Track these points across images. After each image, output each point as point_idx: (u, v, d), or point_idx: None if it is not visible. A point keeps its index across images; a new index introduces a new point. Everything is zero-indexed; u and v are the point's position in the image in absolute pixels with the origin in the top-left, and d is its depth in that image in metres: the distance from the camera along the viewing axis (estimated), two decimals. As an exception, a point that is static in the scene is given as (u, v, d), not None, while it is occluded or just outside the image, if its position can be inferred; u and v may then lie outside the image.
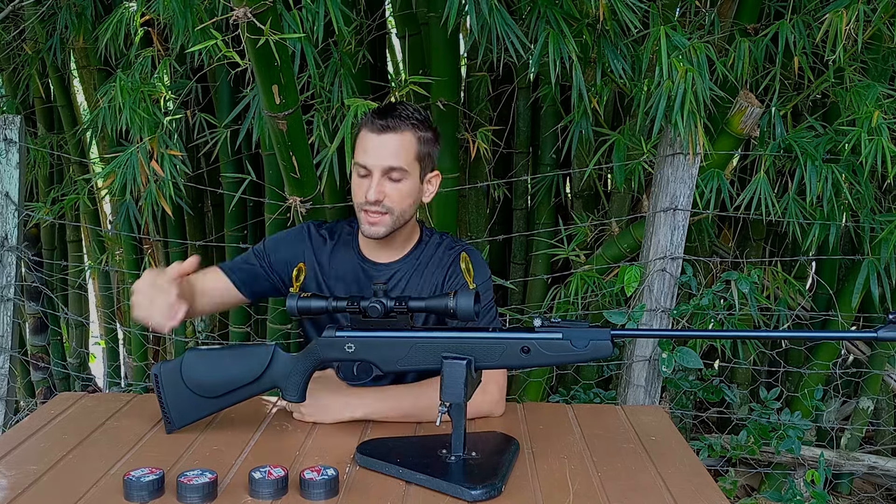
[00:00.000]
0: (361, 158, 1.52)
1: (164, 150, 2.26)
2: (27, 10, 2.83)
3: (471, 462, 1.24)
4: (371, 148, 1.51)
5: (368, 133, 1.51)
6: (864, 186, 2.27)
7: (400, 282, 1.60)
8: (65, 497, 1.14)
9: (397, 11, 2.45)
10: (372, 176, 1.50)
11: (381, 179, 1.50)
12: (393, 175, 1.51)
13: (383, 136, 1.50)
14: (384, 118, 1.51)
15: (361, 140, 1.53)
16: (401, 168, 1.51)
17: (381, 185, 1.50)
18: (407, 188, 1.52)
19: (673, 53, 2.04)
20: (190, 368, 1.36)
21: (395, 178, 1.51)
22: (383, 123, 1.50)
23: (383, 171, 1.50)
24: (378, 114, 1.53)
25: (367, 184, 1.51)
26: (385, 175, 1.50)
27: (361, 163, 1.52)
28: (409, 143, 1.51)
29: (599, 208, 2.68)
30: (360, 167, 1.52)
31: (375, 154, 1.50)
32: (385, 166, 1.50)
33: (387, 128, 1.50)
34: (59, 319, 3.44)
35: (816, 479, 2.25)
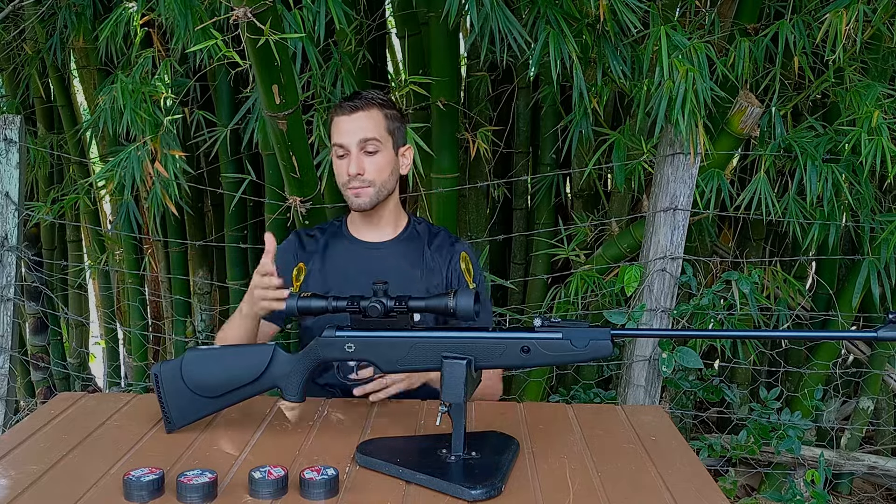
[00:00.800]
0: (338, 139, 1.65)
1: (167, 151, 2.26)
2: (27, 10, 2.83)
3: (471, 462, 1.23)
4: (344, 128, 1.64)
5: (340, 117, 1.66)
6: (864, 186, 2.27)
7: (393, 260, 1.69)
8: (65, 497, 1.14)
9: (397, 11, 2.45)
10: (350, 153, 1.64)
11: (358, 154, 1.64)
12: (368, 147, 1.64)
13: (354, 115, 1.64)
14: (352, 101, 1.66)
15: (335, 125, 1.67)
16: (374, 139, 1.64)
17: (360, 159, 1.64)
18: (383, 160, 1.66)
19: (673, 53, 2.04)
20: (190, 368, 1.36)
21: (371, 150, 1.64)
22: (352, 104, 1.65)
23: (359, 145, 1.64)
24: (346, 99, 1.68)
25: (346, 162, 1.65)
26: (361, 149, 1.64)
27: (339, 143, 1.65)
28: (377, 118, 1.66)
29: (599, 208, 2.68)
30: (338, 147, 1.66)
31: (349, 131, 1.64)
32: (360, 139, 1.64)
33: (356, 108, 1.64)
34: (59, 319, 3.44)
35: (816, 479, 2.25)
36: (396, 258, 1.71)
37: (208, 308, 3.06)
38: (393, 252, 1.72)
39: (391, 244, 1.73)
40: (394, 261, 1.70)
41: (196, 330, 3.06)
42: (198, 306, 3.06)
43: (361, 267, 1.69)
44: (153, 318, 3.21)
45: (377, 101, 1.66)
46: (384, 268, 1.67)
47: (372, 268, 1.67)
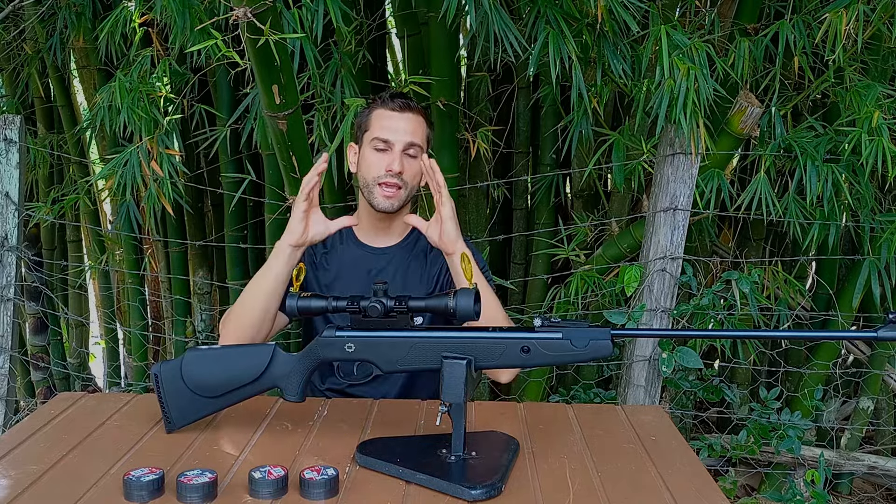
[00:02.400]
0: (382, 133, 1.61)
1: (163, 150, 2.26)
2: (27, 10, 2.83)
3: (471, 462, 1.23)
4: (393, 124, 1.62)
5: (388, 111, 1.63)
6: (864, 186, 2.27)
7: (400, 264, 1.67)
8: (65, 497, 1.14)
9: (397, 11, 2.45)
10: (393, 149, 1.61)
11: (401, 154, 1.61)
12: (410, 151, 1.62)
13: (405, 113, 1.62)
14: (402, 99, 1.63)
15: (379, 118, 1.63)
16: (418, 145, 1.63)
17: (402, 159, 1.61)
18: (418, 166, 1.64)
19: (674, 53, 2.04)
20: (190, 368, 1.36)
21: (412, 154, 1.63)
22: (403, 102, 1.63)
23: (405, 146, 1.62)
24: (394, 96, 1.64)
25: (388, 157, 1.61)
26: (404, 150, 1.61)
27: (383, 137, 1.61)
28: (421, 125, 1.65)
29: (599, 208, 2.68)
30: (380, 141, 1.61)
31: (398, 129, 1.61)
32: (407, 141, 1.62)
33: (407, 107, 1.63)
34: (59, 319, 3.44)
35: (816, 479, 2.25)
36: (400, 263, 1.70)
37: (208, 308, 3.06)
38: (397, 257, 1.70)
39: (395, 249, 1.71)
40: (397, 266, 1.69)
41: (196, 330, 3.06)
42: (198, 306, 3.06)
43: (365, 271, 1.68)
44: (153, 318, 3.21)
45: (420, 108, 1.67)
46: (388, 273, 1.67)
47: (376, 272, 1.67)
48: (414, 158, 1.63)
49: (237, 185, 2.51)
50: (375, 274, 1.67)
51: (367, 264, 1.69)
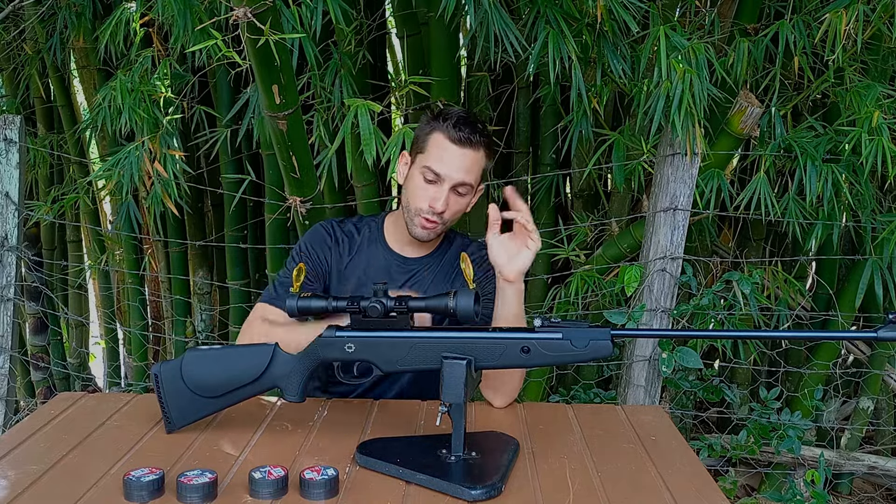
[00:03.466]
0: (435, 165, 1.52)
1: (166, 151, 2.26)
2: (27, 10, 2.83)
3: (471, 462, 1.24)
4: (448, 158, 1.51)
5: (447, 141, 1.51)
6: (864, 186, 2.27)
7: (426, 276, 1.63)
8: (65, 497, 1.14)
9: (397, 11, 2.45)
10: (442, 185, 1.53)
11: (449, 192, 1.53)
12: (461, 189, 1.54)
13: (464, 149, 1.51)
14: (465, 130, 1.51)
15: (437, 145, 1.52)
16: (470, 184, 1.54)
17: (448, 198, 1.53)
18: (465, 202, 1.57)
19: (672, 54, 2.04)
20: (190, 368, 1.36)
21: (462, 192, 1.54)
22: (465, 136, 1.51)
23: (455, 183, 1.53)
24: (459, 124, 1.52)
25: (434, 191, 1.53)
26: (453, 188, 1.53)
27: (435, 169, 1.52)
28: (480, 161, 1.54)
29: (599, 208, 2.68)
30: (431, 172, 1.52)
31: (452, 165, 1.51)
32: (459, 180, 1.52)
33: (468, 142, 1.51)
34: (59, 319, 3.44)
35: (816, 479, 2.25)
36: (427, 275, 1.64)
37: (208, 308, 3.07)
38: (426, 269, 1.64)
39: (425, 260, 1.64)
40: (423, 277, 1.63)
41: (196, 330, 3.06)
42: (198, 306, 3.06)
43: (393, 281, 1.61)
44: (153, 318, 3.21)
45: (485, 138, 1.54)
46: (415, 284, 1.62)
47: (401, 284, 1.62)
48: (462, 196, 1.55)
49: (237, 186, 2.51)
50: (400, 285, 1.61)
51: (394, 273, 1.62)
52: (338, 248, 1.64)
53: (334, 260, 1.63)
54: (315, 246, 1.63)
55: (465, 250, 1.61)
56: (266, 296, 1.62)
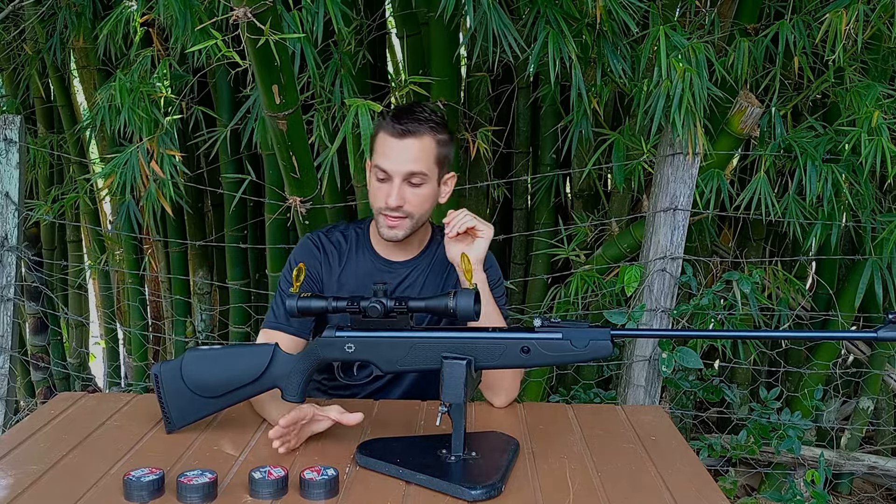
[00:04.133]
0: (381, 162, 1.51)
1: (164, 151, 2.26)
2: (27, 10, 2.83)
3: (471, 462, 1.24)
4: (391, 153, 1.50)
5: (388, 137, 1.50)
6: (864, 186, 2.27)
7: (418, 279, 1.61)
8: (65, 497, 1.14)
9: (397, 11, 2.45)
10: (392, 181, 1.51)
11: (401, 185, 1.50)
12: (413, 180, 1.51)
13: (404, 140, 1.49)
14: (403, 122, 1.49)
15: (381, 143, 1.52)
16: (421, 173, 1.51)
17: (402, 191, 1.51)
18: (426, 192, 1.53)
19: (672, 53, 2.04)
20: (190, 368, 1.36)
21: (416, 182, 1.51)
22: (403, 128, 1.49)
23: (404, 176, 1.50)
24: (397, 117, 1.51)
25: (387, 188, 1.51)
26: (405, 180, 1.51)
27: (382, 167, 1.51)
28: (428, 148, 1.51)
29: (599, 208, 2.68)
30: (380, 171, 1.51)
31: (396, 159, 1.50)
32: (406, 171, 1.50)
33: (407, 132, 1.49)
34: (59, 319, 3.44)
35: (816, 479, 2.25)
36: (418, 277, 1.62)
37: (208, 308, 3.07)
38: (414, 271, 1.63)
39: (414, 262, 1.63)
40: (414, 280, 1.62)
41: (196, 330, 3.06)
42: (198, 306, 3.06)
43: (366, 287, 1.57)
44: (153, 318, 3.21)
45: (430, 125, 1.51)
46: (407, 288, 1.61)
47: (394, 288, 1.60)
48: (419, 186, 1.51)
49: (237, 186, 2.51)
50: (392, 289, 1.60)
51: (384, 278, 1.60)
52: (328, 260, 1.63)
53: (325, 272, 1.62)
54: (307, 261, 1.62)
55: None
56: (269, 320, 1.60)
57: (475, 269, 1.45)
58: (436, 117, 1.53)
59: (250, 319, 2.84)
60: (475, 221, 1.46)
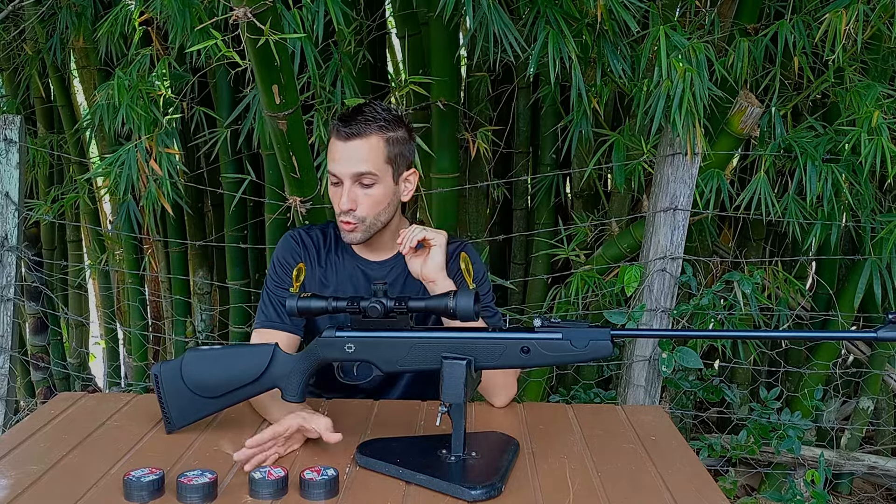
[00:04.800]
0: (331, 167, 1.52)
1: (162, 150, 2.26)
2: (27, 10, 2.83)
3: (471, 462, 1.24)
4: (339, 156, 1.50)
5: (335, 141, 1.51)
6: (863, 186, 2.27)
7: (398, 278, 1.61)
8: (65, 497, 1.14)
9: (397, 11, 2.45)
10: (342, 184, 1.51)
11: (352, 187, 1.50)
12: (364, 180, 1.50)
13: (350, 142, 1.49)
14: (349, 124, 1.49)
15: (330, 149, 1.53)
16: (370, 173, 1.50)
17: (353, 193, 1.50)
18: (379, 193, 1.52)
19: (672, 53, 2.04)
20: (190, 368, 1.36)
21: (366, 183, 1.50)
22: (348, 130, 1.49)
23: (353, 178, 1.50)
24: (343, 120, 1.51)
25: (339, 191, 1.51)
26: (355, 182, 1.50)
27: (331, 171, 1.52)
28: (377, 146, 1.50)
29: (599, 208, 2.68)
30: (332, 175, 1.52)
31: (343, 162, 1.50)
32: (353, 173, 1.50)
33: (352, 134, 1.49)
34: (59, 319, 3.44)
35: (816, 479, 2.25)
36: (399, 275, 1.61)
37: (208, 308, 3.07)
38: (394, 269, 1.62)
39: (392, 261, 1.62)
40: (395, 278, 1.61)
41: (196, 330, 3.06)
42: (198, 306, 3.06)
43: (361, 283, 1.61)
44: (153, 318, 3.21)
45: (378, 124, 1.50)
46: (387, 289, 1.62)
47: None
48: (370, 187, 1.50)
49: (237, 186, 2.51)
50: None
51: (363, 276, 1.61)
52: (309, 255, 1.63)
53: (307, 267, 1.63)
54: (289, 257, 1.63)
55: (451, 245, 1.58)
56: (260, 320, 1.60)
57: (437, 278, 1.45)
58: (386, 115, 1.52)
59: (250, 319, 2.84)
60: (424, 233, 1.45)
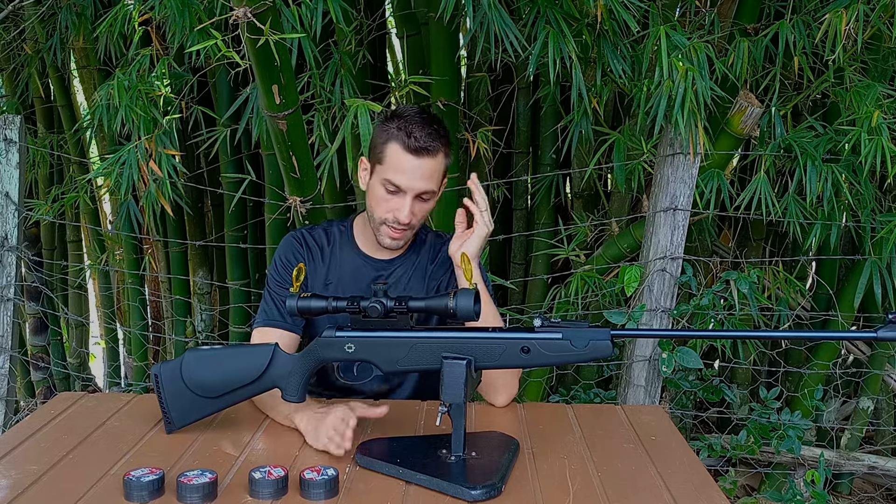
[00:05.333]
0: (394, 177, 1.49)
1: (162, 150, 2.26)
2: (27, 10, 2.83)
3: (471, 462, 1.24)
4: (407, 169, 1.49)
5: (403, 152, 1.48)
6: (863, 186, 2.27)
7: (402, 277, 1.62)
8: (65, 497, 1.14)
9: (397, 11, 2.45)
10: (404, 196, 1.50)
11: (412, 201, 1.51)
12: (424, 196, 1.52)
13: (421, 159, 1.48)
14: (421, 139, 1.47)
15: (394, 157, 1.49)
16: (433, 191, 1.53)
17: (414, 207, 1.52)
18: (432, 206, 1.57)
19: (673, 53, 2.04)
20: (190, 368, 1.36)
21: (426, 198, 1.53)
22: (420, 145, 1.47)
23: (417, 193, 1.51)
24: (412, 132, 1.48)
25: (397, 202, 1.51)
26: (417, 196, 1.51)
27: (395, 182, 1.49)
28: (441, 165, 1.52)
29: (599, 208, 2.68)
30: (392, 185, 1.50)
31: (412, 176, 1.49)
32: (421, 190, 1.51)
33: (425, 151, 1.48)
34: (59, 319, 3.44)
35: (816, 479, 2.25)
36: (402, 276, 1.62)
37: (208, 308, 3.07)
38: (398, 270, 1.63)
39: (399, 260, 1.63)
40: (398, 279, 1.62)
41: (196, 330, 3.06)
42: (198, 306, 3.06)
43: (367, 282, 1.60)
44: (153, 318, 3.21)
45: (444, 141, 1.51)
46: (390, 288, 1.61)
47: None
48: (427, 201, 1.54)
49: (237, 186, 2.51)
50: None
51: (369, 275, 1.61)
52: (311, 256, 1.63)
53: (310, 268, 1.62)
54: (291, 256, 1.62)
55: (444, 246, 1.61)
56: (261, 319, 1.60)
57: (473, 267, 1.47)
58: (445, 132, 1.53)
59: (250, 319, 2.84)
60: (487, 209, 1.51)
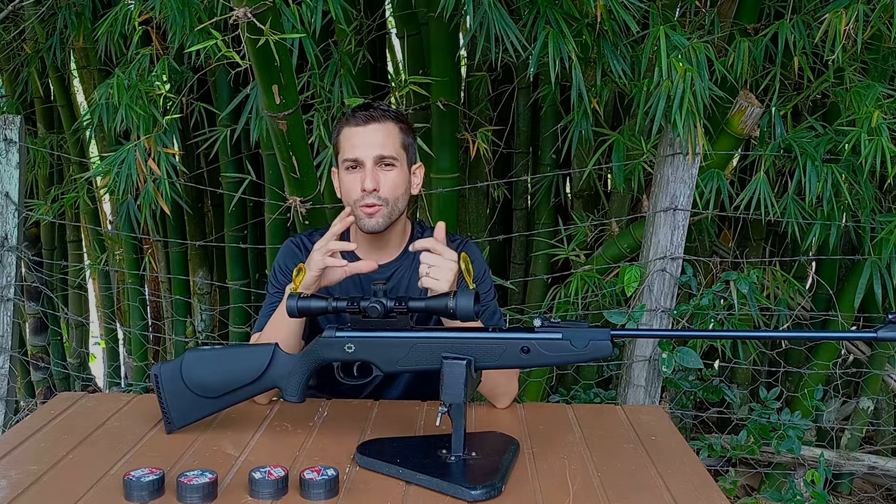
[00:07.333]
0: (350, 153, 1.54)
1: (161, 149, 2.26)
2: (27, 10, 2.83)
3: (471, 462, 1.24)
4: (359, 140, 1.53)
5: (352, 128, 1.54)
6: (863, 186, 2.27)
7: (401, 280, 1.61)
8: (65, 497, 1.14)
9: (397, 11, 2.45)
10: (364, 167, 1.53)
11: (374, 169, 1.53)
12: (384, 163, 1.54)
13: (369, 126, 1.53)
14: (366, 111, 1.55)
15: (346, 137, 1.55)
16: (391, 156, 1.54)
17: (375, 174, 1.52)
18: (399, 177, 1.55)
19: (672, 53, 2.04)
20: (190, 368, 1.36)
21: (387, 164, 1.54)
22: (367, 115, 1.54)
23: (375, 160, 1.53)
24: (356, 111, 1.56)
25: (360, 175, 1.53)
26: (377, 165, 1.53)
27: (351, 157, 1.54)
28: (393, 132, 1.55)
29: (599, 208, 2.68)
30: (350, 161, 1.54)
31: (365, 144, 1.53)
32: (376, 155, 1.53)
33: (371, 118, 1.54)
34: (59, 319, 3.44)
35: (816, 479, 2.25)
36: (400, 278, 1.62)
37: (208, 308, 3.07)
38: (396, 272, 1.62)
39: (396, 264, 1.62)
40: (396, 281, 1.61)
41: (196, 330, 3.06)
42: (198, 306, 3.06)
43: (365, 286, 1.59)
44: (153, 318, 3.21)
45: (392, 114, 1.57)
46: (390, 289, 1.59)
47: None
48: (390, 170, 1.54)
49: (237, 185, 2.51)
50: None
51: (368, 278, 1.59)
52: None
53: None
54: (290, 262, 1.62)
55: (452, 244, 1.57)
56: (261, 324, 1.60)
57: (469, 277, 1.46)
58: (393, 109, 1.59)
59: (250, 319, 2.84)
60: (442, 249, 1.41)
